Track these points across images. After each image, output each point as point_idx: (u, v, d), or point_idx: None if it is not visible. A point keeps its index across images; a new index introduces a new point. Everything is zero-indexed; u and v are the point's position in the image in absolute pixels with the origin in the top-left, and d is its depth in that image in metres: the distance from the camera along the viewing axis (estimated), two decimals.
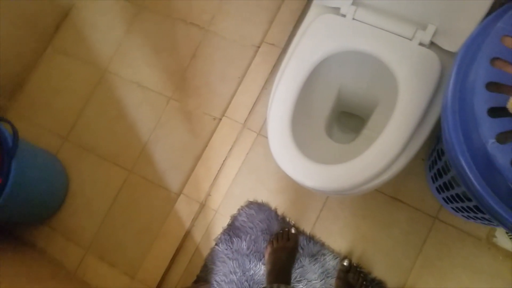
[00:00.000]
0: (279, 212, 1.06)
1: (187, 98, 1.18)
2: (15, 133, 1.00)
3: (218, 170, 1.08)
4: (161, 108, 1.18)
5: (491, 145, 0.48)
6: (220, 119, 1.13)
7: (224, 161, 1.09)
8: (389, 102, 0.79)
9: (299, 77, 0.77)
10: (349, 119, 1.04)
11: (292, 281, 0.96)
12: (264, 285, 0.95)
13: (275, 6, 1.16)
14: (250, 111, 1.11)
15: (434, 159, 0.88)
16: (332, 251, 1.00)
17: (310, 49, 0.78)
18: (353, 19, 0.78)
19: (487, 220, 0.76)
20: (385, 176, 0.74)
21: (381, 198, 1.00)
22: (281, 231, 1.02)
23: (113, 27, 1.27)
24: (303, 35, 0.79)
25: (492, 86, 0.51)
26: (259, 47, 1.16)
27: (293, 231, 1.00)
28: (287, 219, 1.04)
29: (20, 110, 1.27)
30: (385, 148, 0.70)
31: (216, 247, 1.05)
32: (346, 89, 0.89)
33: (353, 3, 0.78)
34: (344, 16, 0.78)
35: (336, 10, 0.80)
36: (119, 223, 1.11)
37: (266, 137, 1.10)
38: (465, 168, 0.53)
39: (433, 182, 0.94)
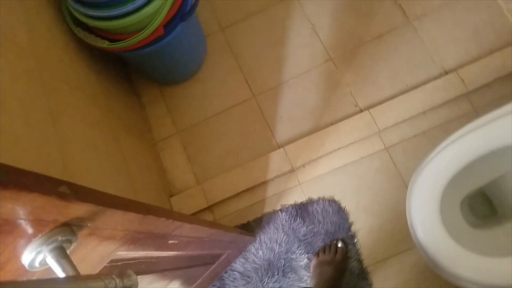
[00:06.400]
0: (353, 228, 1.01)
1: (346, 69, 1.10)
2: (196, 2, 1.00)
3: (328, 153, 1.04)
4: (317, 62, 1.12)
5: None
6: (361, 110, 1.06)
7: (339, 148, 1.04)
8: None
9: (477, 150, 0.68)
10: (482, 202, 0.93)
11: None
12: None
13: (495, 45, 1.00)
14: (394, 124, 1.03)
15: None
16: None
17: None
18: None
19: None
20: None
21: None
22: (328, 243, 0.98)
23: None
24: None
25: None
26: (446, 73, 1.04)
27: (339, 244, 0.97)
28: (355, 240, 1.00)
29: None
30: None
31: (279, 212, 1.05)
32: (509, 179, 0.78)
33: None
34: None
35: None
36: (216, 132, 1.12)
37: (390, 156, 1.03)
38: None
39: None
